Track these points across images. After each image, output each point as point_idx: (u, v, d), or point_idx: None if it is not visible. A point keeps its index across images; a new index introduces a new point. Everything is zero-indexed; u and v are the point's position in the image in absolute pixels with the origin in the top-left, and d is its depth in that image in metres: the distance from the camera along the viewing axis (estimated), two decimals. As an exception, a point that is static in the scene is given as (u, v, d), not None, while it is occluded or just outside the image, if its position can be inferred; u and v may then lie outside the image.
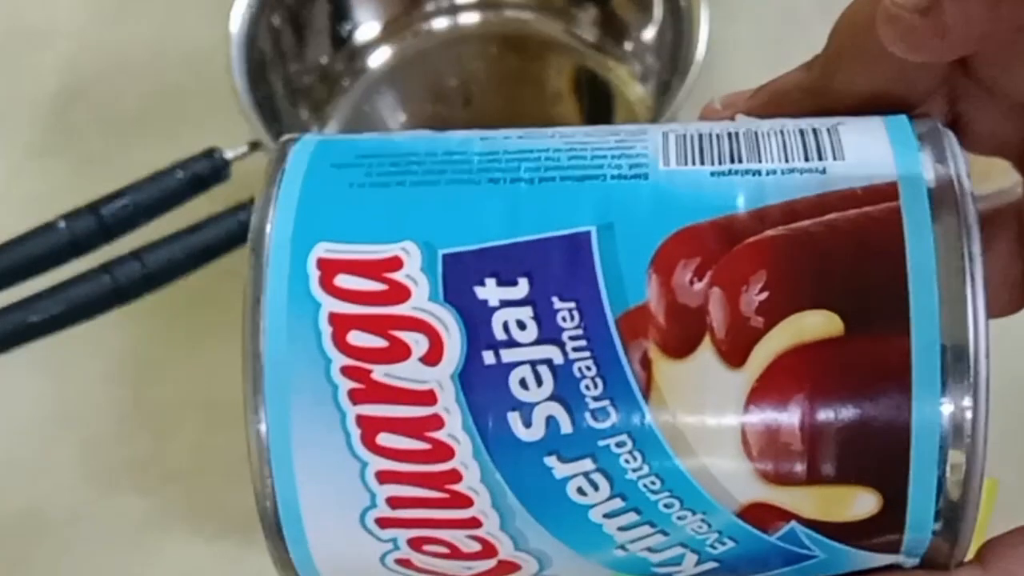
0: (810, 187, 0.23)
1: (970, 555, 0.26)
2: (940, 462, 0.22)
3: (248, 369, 0.24)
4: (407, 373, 0.23)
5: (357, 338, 0.23)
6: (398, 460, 0.23)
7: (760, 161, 0.24)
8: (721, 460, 0.22)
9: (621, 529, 0.23)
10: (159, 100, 0.77)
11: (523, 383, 0.22)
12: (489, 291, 0.23)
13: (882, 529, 0.23)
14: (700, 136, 0.25)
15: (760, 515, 0.23)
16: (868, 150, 0.24)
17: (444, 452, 0.23)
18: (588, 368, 0.22)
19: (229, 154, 0.60)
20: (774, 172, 0.24)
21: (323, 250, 0.24)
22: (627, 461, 0.22)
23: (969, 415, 0.22)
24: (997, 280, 0.29)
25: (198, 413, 0.67)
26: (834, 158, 0.24)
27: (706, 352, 0.22)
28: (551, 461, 0.23)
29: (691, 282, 0.22)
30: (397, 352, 0.23)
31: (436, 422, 0.23)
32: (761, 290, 0.22)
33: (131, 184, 0.58)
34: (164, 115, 0.76)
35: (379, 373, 0.23)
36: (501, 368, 0.22)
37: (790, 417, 0.22)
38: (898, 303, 0.22)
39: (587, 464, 0.22)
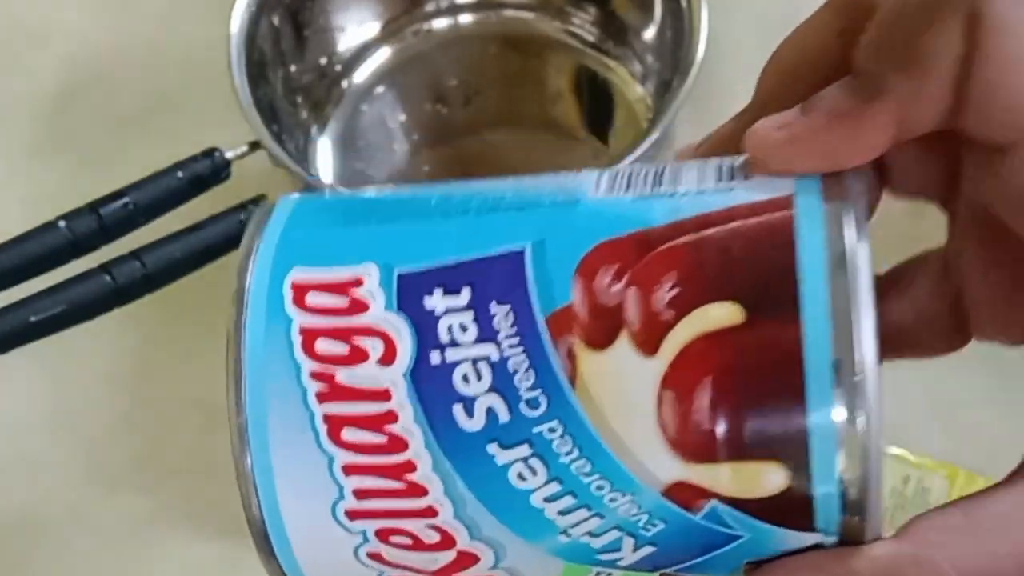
0: (719, 203, 0.26)
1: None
2: (837, 437, 0.24)
3: (231, 380, 0.28)
4: (366, 374, 0.26)
5: (323, 346, 0.26)
6: (360, 453, 0.26)
7: (678, 187, 0.27)
8: (641, 441, 0.25)
9: (561, 513, 0.26)
10: (159, 100, 0.77)
11: (465, 378, 0.25)
12: (436, 300, 0.26)
13: (794, 504, 0.25)
14: (630, 173, 0.28)
15: (683, 494, 0.25)
16: (769, 182, 0.27)
17: (399, 444, 0.26)
18: (521, 362, 0.25)
19: (229, 154, 0.60)
20: (688, 193, 0.27)
21: (297, 273, 0.27)
22: (559, 446, 0.25)
23: (861, 390, 0.24)
24: (917, 318, 0.31)
25: (198, 412, 0.67)
26: (744, 179, 0.27)
27: (623, 343, 0.25)
28: (493, 448, 0.25)
29: (610, 284, 0.25)
30: (357, 356, 0.26)
31: (391, 417, 0.26)
32: (671, 288, 0.25)
33: (131, 184, 0.58)
34: (164, 115, 0.76)
35: (342, 376, 0.26)
36: (446, 367, 0.25)
37: (700, 399, 0.25)
38: (791, 293, 0.25)
39: (524, 450, 0.25)
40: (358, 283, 0.26)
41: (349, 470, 0.26)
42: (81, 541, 0.63)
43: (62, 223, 0.55)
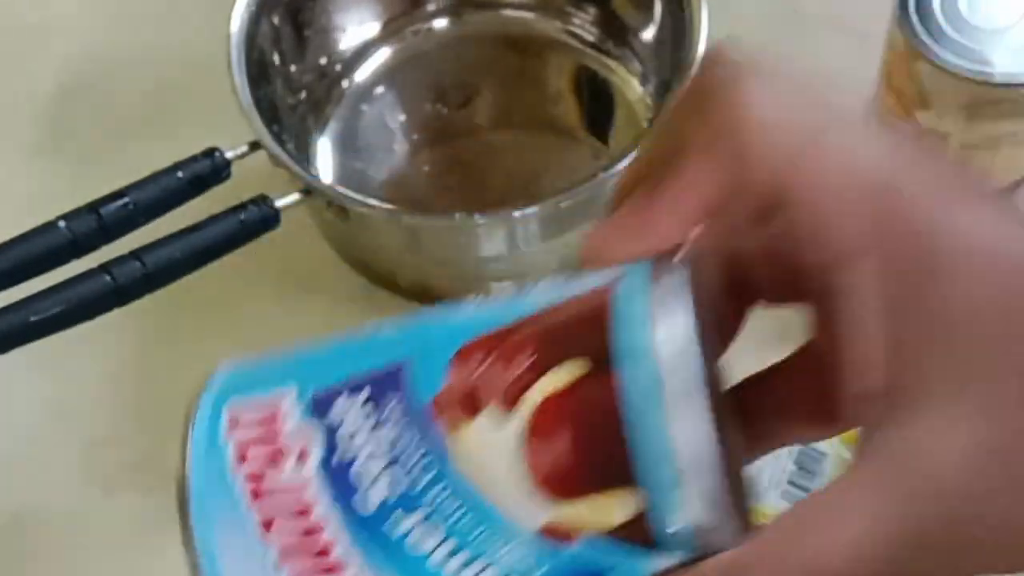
0: (558, 297, 0.30)
1: None
2: (669, 459, 0.28)
3: (178, 487, 0.34)
4: (288, 475, 0.30)
5: (252, 454, 0.31)
6: (290, 541, 0.30)
7: (533, 289, 0.31)
8: (513, 490, 0.29)
9: (463, 566, 0.29)
10: (159, 100, 0.77)
11: (366, 461, 0.30)
12: (340, 404, 0.30)
13: (648, 525, 0.28)
14: (500, 290, 0.34)
15: (556, 533, 0.29)
16: (606, 271, 0.30)
17: (319, 528, 0.30)
18: (410, 440, 0.29)
19: (229, 154, 0.60)
20: (537, 292, 0.31)
21: (232, 402, 0.33)
22: (448, 505, 0.29)
23: (684, 413, 0.28)
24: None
25: (198, 413, 0.67)
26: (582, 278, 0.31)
27: (488, 411, 0.29)
28: (395, 516, 0.29)
29: (471, 373, 0.29)
30: (278, 459, 0.30)
31: (309, 507, 0.30)
32: (526, 359, 0.29)
33: (131, 184, 0.58)
34: (164, 115, 0.76)
35: (268, 479, 0.30)
36: (349, 459, 0.30)
37: (552, 446, 0.28)
38: (614, 352, 0.28)
39: (421, 514, 0.29)
40: (279, 401, 0.31)
41: (283, 558, 0.30)
42: (81, 541, 0.63)
43: (62, 223, 0.55)
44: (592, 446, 0.28)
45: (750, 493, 0.31)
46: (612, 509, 0.28)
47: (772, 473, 0.61)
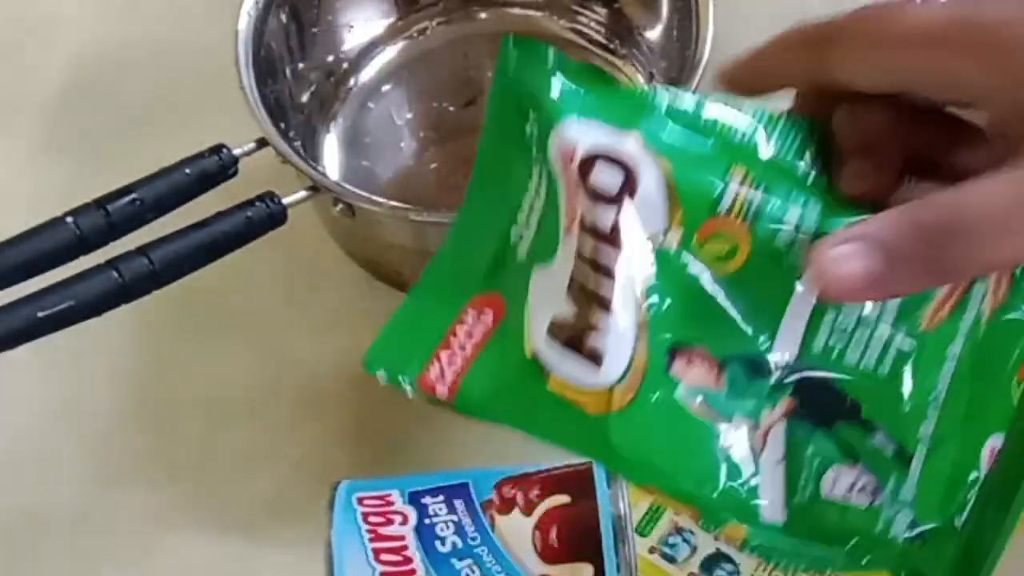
0: (542, 469, 0.52)
1: None
2: (615, 548, 0.49)
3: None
4: (394, 528, 0.50)
5: (372, 516, 0.51)
6: (389, 566, 0.50)
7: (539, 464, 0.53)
8: (525, 553, 0.49)
9: None
10: (166, 96, 0.77)
11: (441, 529, 0.50)
12: (427, 499, 0.51)
13: None
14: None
15: None
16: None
17: (409, 561, 0.49)
18: (468, 520, 0.50)
19: (236, 151, 0.60)
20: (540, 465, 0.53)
21: (358, 491, 0.52)
22: (486, 559, 0.49)
23: (626, 530, 0.49)
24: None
25: (203, 409, 0.67)
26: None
27: (517, 511, 0.50)
28: (453, 560, 0.49)
29: (511, 489, 0.51)
30: (390, 522, 0.51)
31: (404, 547, 0.50)
32: (536, 490, 0.51)
33: (138, 180, 0.58)
34: (171, 111, 0.76)
35: (381, 530, 0.50)
36: (432, 524, 0.50)
37: (550, 534, 0.49)
38: (592, 490, 0.51)
39: (470, 561, 0.49)
40: (389, 495, 0.52)
41: (384, 573, 0.49)
42: (87, 538, 0.64)
43: (70, 219, 0.55)
44: (570, 537, 0.49)
45: None
46: (581, 572, 0.48)
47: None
